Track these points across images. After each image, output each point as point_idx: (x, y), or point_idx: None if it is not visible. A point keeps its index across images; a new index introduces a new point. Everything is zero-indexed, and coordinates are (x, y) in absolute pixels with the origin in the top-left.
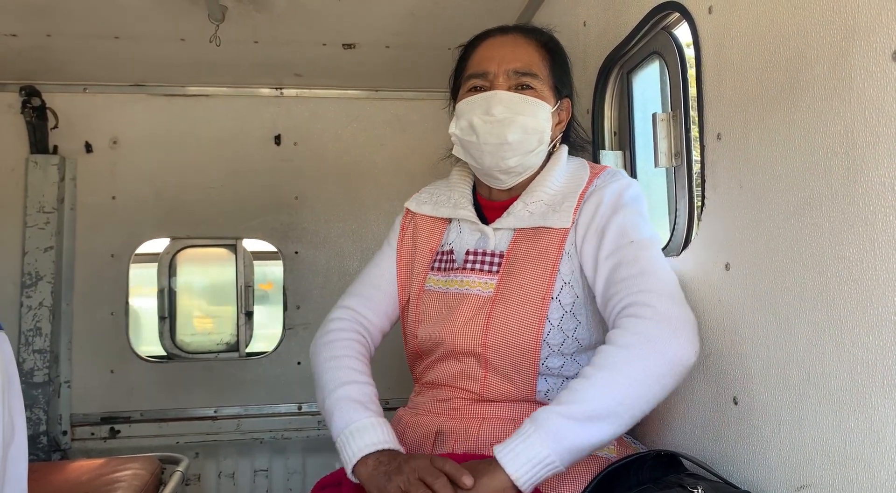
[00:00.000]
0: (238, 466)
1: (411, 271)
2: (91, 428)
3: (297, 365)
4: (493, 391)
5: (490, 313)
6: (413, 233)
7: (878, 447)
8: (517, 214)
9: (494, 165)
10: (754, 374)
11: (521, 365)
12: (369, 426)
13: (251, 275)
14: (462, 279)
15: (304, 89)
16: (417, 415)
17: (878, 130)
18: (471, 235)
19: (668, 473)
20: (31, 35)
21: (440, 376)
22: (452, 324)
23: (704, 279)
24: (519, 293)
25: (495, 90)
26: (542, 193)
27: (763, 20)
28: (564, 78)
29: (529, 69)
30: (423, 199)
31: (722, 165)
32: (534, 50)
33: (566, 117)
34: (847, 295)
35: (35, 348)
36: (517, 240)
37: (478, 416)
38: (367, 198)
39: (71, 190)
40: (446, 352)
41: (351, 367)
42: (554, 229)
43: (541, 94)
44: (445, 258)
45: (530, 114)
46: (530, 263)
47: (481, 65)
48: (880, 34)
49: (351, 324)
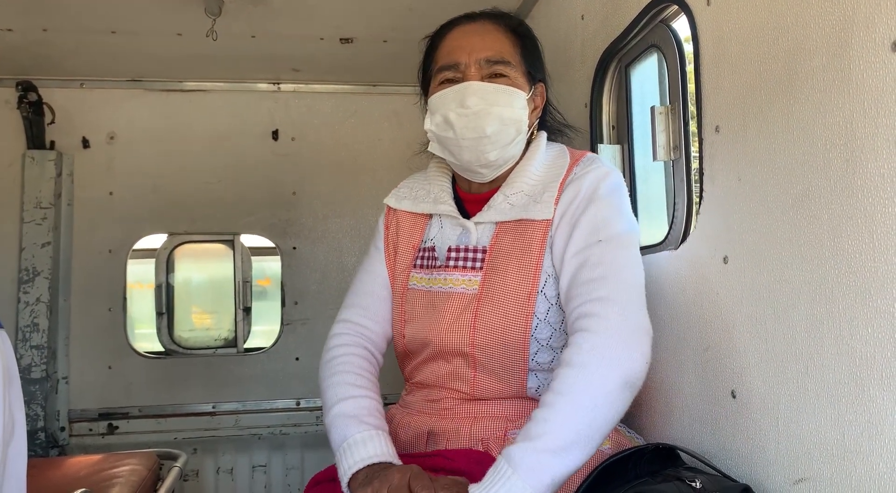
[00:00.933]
0: (236, 461)
1: (394, 267)
2: (89, 424)
3: (295, 361)
4: (483, 390)
5: (476, 312)
6: (396, 230)
7: (877, 440)
8: (498, 206)
9: (475, 160)
10: (752, 367)
11: (511, 363)
12: (360, 441)
13: (249, 271)
14: (445, 277)
15: (301, 84)
16: (409, 415)
17: (878, 122)
18: (452, 230)
19: (666, 466)
20: (28, 30)
21: (429, 377)
22: (439, 324)
23: (702, 273)
24: (504, 290)
25: (468, 81)
26: (523, 183)
27: (762, 12)
28: (537, 63)
29: (501, 57)
30: (403, 194)
31: (720, 158)
32: (504, 36)
33: (541, 103)
34: (845, 288)
35: (32, 344)
36: (499, 234)
37: (469, 415)
38: (365, 193)
39: (68, 185)
40: (434, 353)
41: (348, 382)
42: (536, 221)
43: (515, 81)
44: (427, 255)
45: (506, 104)
46: (514, 258)
47: (451, 56)
48: (879, 25)
49: (350, 337)
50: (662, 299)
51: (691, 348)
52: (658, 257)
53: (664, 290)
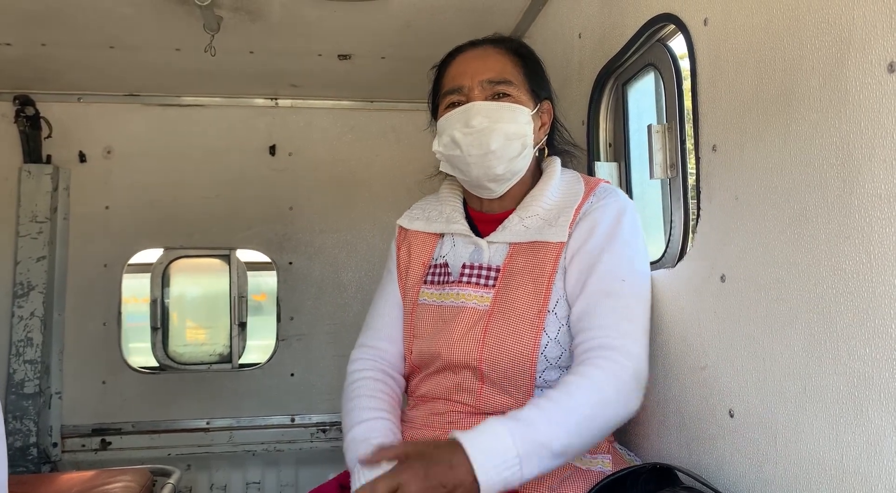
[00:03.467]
0: (230, 478)
1: (404, 284)
2: (82, 440)
3: (290, 376)
4: (489, 403)
5: (486, 327)
6: (408, 250)
7: (876, 460)
8: (512, 228)
9: (483, 175)
10: (750, 386)
11: (518, 378)
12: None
13: (245, 286)
14: (458, 292)
15: (299, 100)
16: (412, 428)
17: (874, 142)
18: (465, 248)
19: (663, 486)
20: (26, 44)
21: (435, 389)
22: (449, 337)
23: (700, 291)
24: (515, 307)
25: (472, 102)
26: (539, 207)
27: (758, 32)
28: (540, 81)
29: (503, 77)
30: (415, 215)
31: (717, 177)
32: (505, 58)
33: (548, 120)
34: (843, 307)
35: (26, 359)
36: (513, 254)
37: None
38: (362, 209)
39: (64, 199)
40: (442, 365)
41: (362, 407)
42: (550, 243)
43: (518, 99)
44: (440, 271)
45: (510, 120)
46: (527, 277)
47: (455, 80)
48: (875, 46)
49: (367, 362)
50: (659, 317)
51: (688, 366)
52: (655, 275)
53: (661, 308)
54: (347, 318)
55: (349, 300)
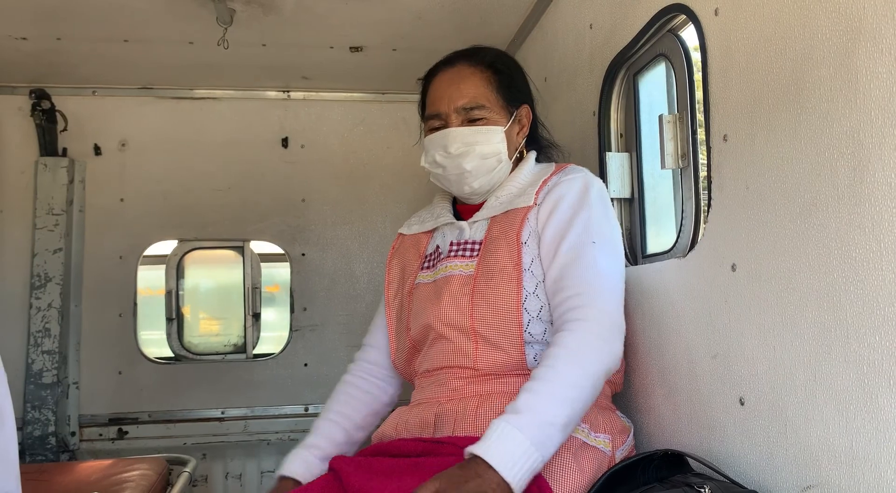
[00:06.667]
0: (245, 467)
1: (402, 278)
2: (99, 429)
3: (303, 367)
4: (486, 363)
5: (474, 288)
6: (400, 247)
7: (885, 447)
8: (489, 205)
9: (463, 190)
10: (761, 374)
11: (508, 331)
12: (289, 457)
13: (258, 277)
14: (447, 265)
15: (311, 92)
16: (416, 405)
17: (885, 131)
18: (451, 232)
19: (674, 472)
20: (42, 38)
21: (435, 360)
22: (440, 302)
23: (711, 280)
24: (495, 267)
25: (449, 128)
26: (512, 186)
27: (769, 22)
28: (515, 92)
29: (476, 102)
30: (412, 222)
31: (728, 167)
32: (478, 77)
33: (527, 122)
34: (853, 296)
35: (44, 349)
36: (491, 227)
37: (476, 394)
38: (374, 200)
39: (80, 192)
40: (437, 334)
41: (327, 408)
42: (519, 209)
43: (491, 120)
44: (433, 256)
45: (483, 142)
46: (502, 241)
47: (434, 105)
48: (886, 36)
49: (356, 374)
50: (671, 306)
51: (699, 355)
52: (666, 264)
53: (672, 297)
54: (360, 308)
55: (361, 291)
